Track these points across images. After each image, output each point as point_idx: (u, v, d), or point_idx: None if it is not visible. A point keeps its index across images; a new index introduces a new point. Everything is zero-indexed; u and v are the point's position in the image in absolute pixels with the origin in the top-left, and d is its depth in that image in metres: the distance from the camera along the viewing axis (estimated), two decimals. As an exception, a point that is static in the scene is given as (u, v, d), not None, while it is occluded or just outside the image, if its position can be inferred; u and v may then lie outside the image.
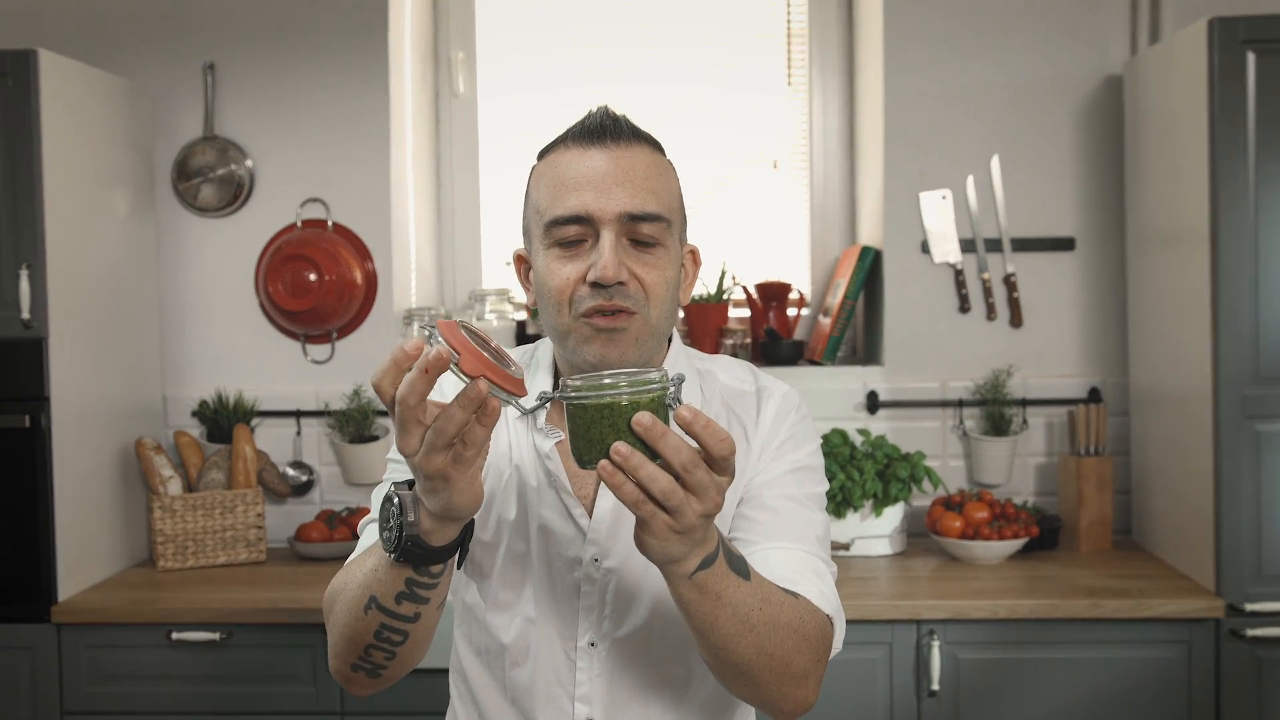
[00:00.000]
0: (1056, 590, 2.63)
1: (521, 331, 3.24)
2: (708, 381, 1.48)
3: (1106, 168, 3.13)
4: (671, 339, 1.48)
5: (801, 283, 3.39)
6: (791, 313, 3.27)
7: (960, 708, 2.59)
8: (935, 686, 2.56)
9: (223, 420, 3.13)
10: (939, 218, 3.14)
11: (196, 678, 2.66)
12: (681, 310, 1.94)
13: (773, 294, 3.25)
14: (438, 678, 1.75)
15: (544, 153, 1.41)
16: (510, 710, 1.43)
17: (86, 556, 2.79)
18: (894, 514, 2.96)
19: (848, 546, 2.95)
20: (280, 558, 3.08)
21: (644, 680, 1.41)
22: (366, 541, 1.40)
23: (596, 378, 1.10)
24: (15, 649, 2.65)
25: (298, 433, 3.21)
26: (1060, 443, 3.15)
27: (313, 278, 3.09)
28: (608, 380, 1.09)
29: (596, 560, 1.39)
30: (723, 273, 3.23)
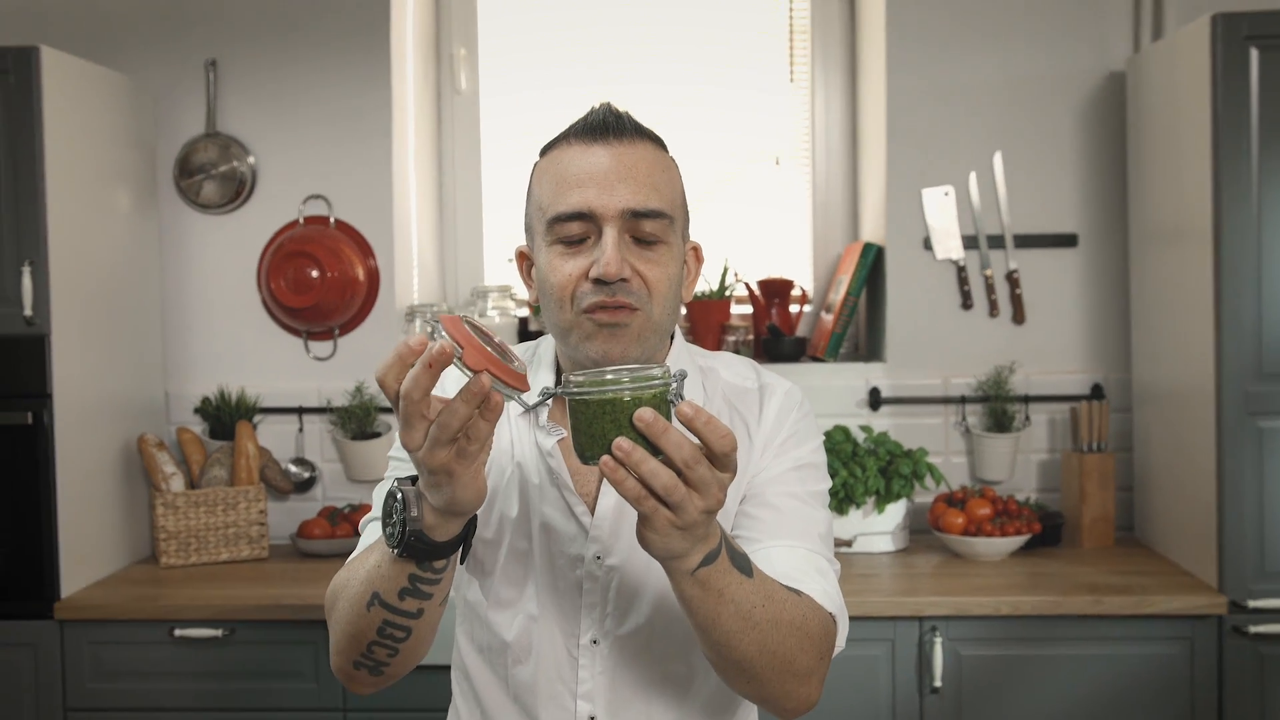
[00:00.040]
0: (1059, 587, 2.63)
1: (524, 328, 3.24)
2: (710, 379, 1.47)
3: (1109, 164, 3.12)
4: (674, 336, 1.47)
5: (804, 279, 3.38)
6: (794, 309, 3.27)
7: (963, 704, 2.59)
8: (938, 683, 2.56)
9: (225, 417, 3.13)
10: (941, 214, 3.14)
11: (199, 674, 2.66)
12: (684, 307, 1.94)
13: (775, 290, 3.25)
14: (440, 674, 1.75)
15: (546, 149, 1.40)
16: (512, 708, 1.43)
17: (89, 553, 2.79)
18: (896, 511, 2.96)
19: (850, 543, 2.95)
20: (282, 554, 3.09)
21: (646, 678, 1.40)
22: (368, 539, 1.40)
23: (599, 373, 1.10)
24: (18, 645, 2.66)
25: (300, 429, 3.21)
26: (1063, 439, 3.15)
27: (315, 274, 3.09)
28: (610, 376, 1.09)
29: (599, 558, 1.39)
30: (725, 269, 3.23)
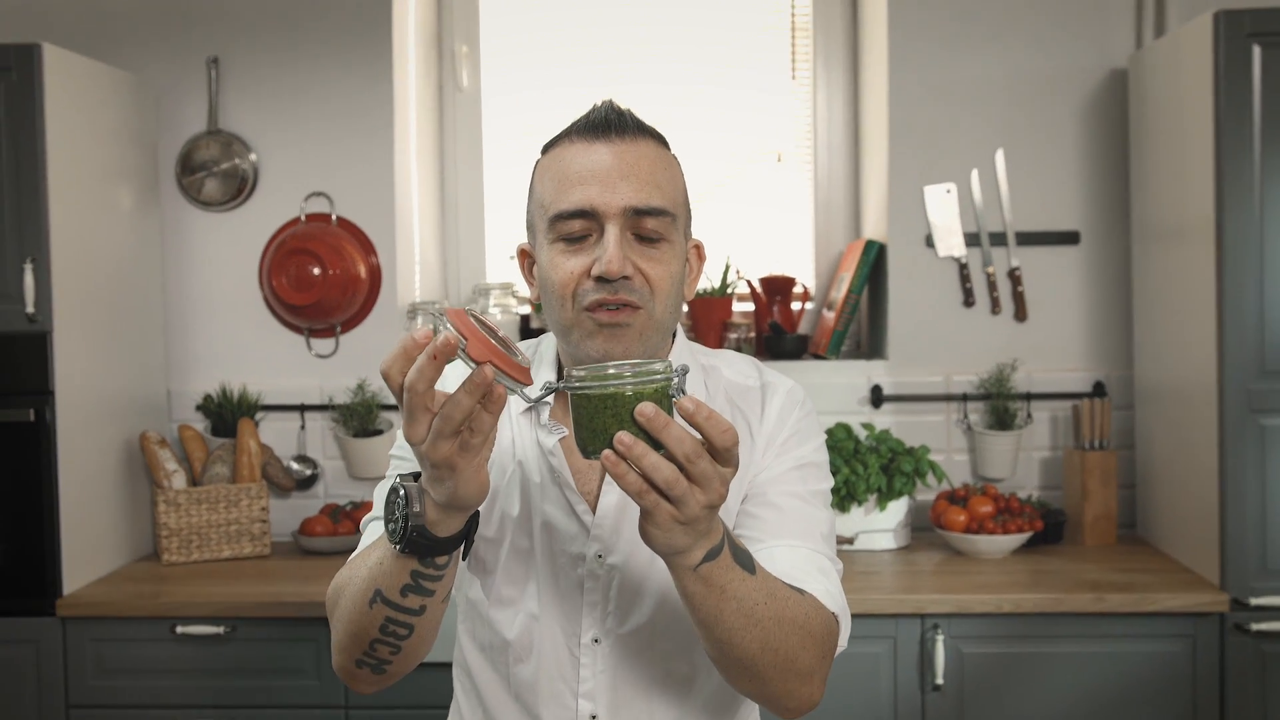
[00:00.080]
0: (1061, 585, 2.63)
1: (526, 326, 3.24)
2: (712, 377, 1.47)
3: (1111, 161, 3.12)
4: (676, 334, 1.47)
5: (806, 277, 3.38)
6: (796, 307, 3.27)
7: (964, 702, 2.59)
8: (939, 681, 2.56)
9: (227, 414, 3.13)
10: (943, 211, 3.14)
11: (201, 671, 2.66)
12: (686, 305, 1.94)
13: (777, 288, 3.25)
14: (442, 672, 1.75)
15: (548, 147, 1.40)
16: (514, 706, 1.43)
17: (91, 550, 2.80)
18: (898, 508, 2.96)
19: (852, 541, 2.95)
20: (284, 551, 3.09)
21: (648, 677, 1.40)
22: (370, 538, 1.40)
23: (601, 368, 1.10)
24: (20, 642, 2.66)
25: (302, 427, 3.21)
26: (1065, 437, 3.15)
27: (317, 272, 3.09)
28: (612, 370, 1.09)
29: (600, 556, 1.39)
30: (727, 267, 3.22)
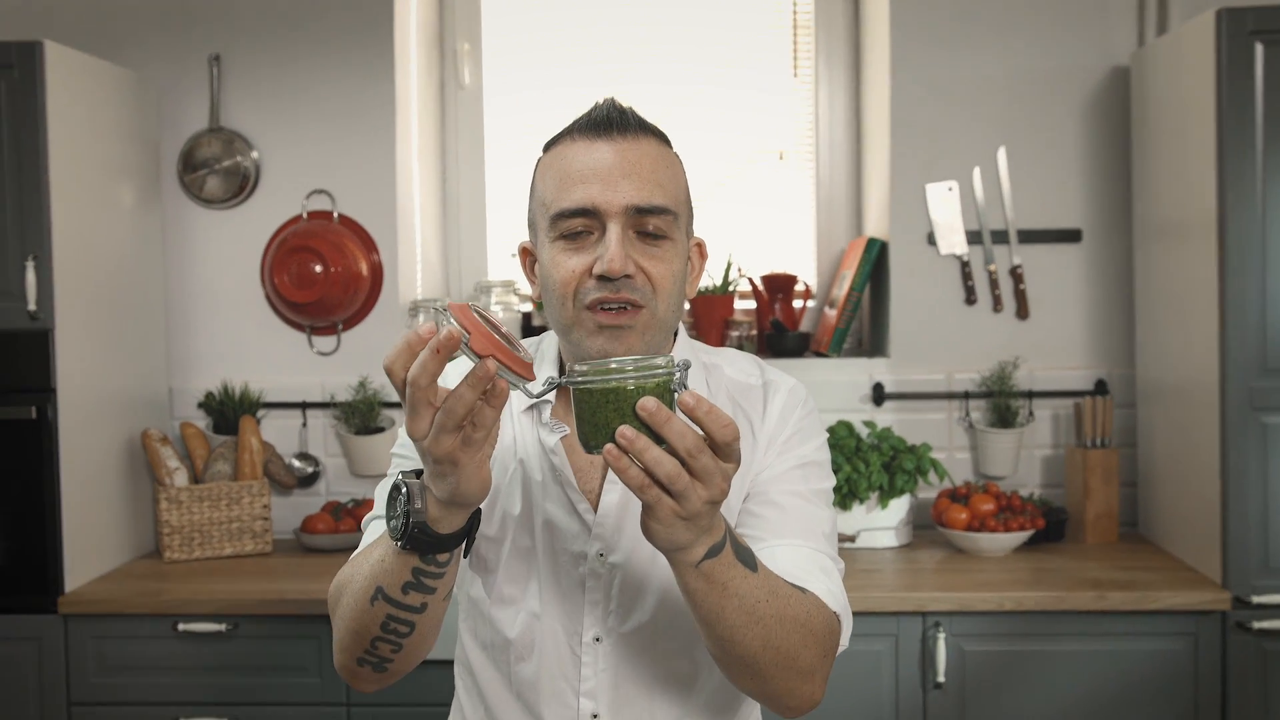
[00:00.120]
0: (1062, 583, 2.63)
1: (528, 324, 3.24)
2: (714, 375, 1.47)
3: (1113, 159, 3.12)
4: (677, 332, 1.47)
5: (807, 275, 3.38)
6: (797, 305, 3.27)
7: (966, 700, 2.59)
8: (941, 679, 2.56)
9: (229, 412, 3.13)
10: (945, 209, 3.13)
11: (202, 669, 2.66)
12: (687, 303, 1.94)
13: (778, 286, 3.25)
14: (443, 670, 1.75)
15: (550, 145, 1.40)
16: (515, 704, 1.43)
17: (93, 548, 2.80)
18: (900, 506, 2.96)
19: (853, 539, 2.95)
20: (286, 549, 3.09)
21: (649, 675, 1.40)
22: (371, 537, 1.40)
23: (603, 363, 1.11)
24: (22, 640, 2.66)
25: (303, 424, 3.21)
26: (1066, 435, 3.15)
27: (318, 269, 3.09)
28: (614, 365, 1.10)
29: (601, 555, 1.39)
30: (728, 265, 3.22)
